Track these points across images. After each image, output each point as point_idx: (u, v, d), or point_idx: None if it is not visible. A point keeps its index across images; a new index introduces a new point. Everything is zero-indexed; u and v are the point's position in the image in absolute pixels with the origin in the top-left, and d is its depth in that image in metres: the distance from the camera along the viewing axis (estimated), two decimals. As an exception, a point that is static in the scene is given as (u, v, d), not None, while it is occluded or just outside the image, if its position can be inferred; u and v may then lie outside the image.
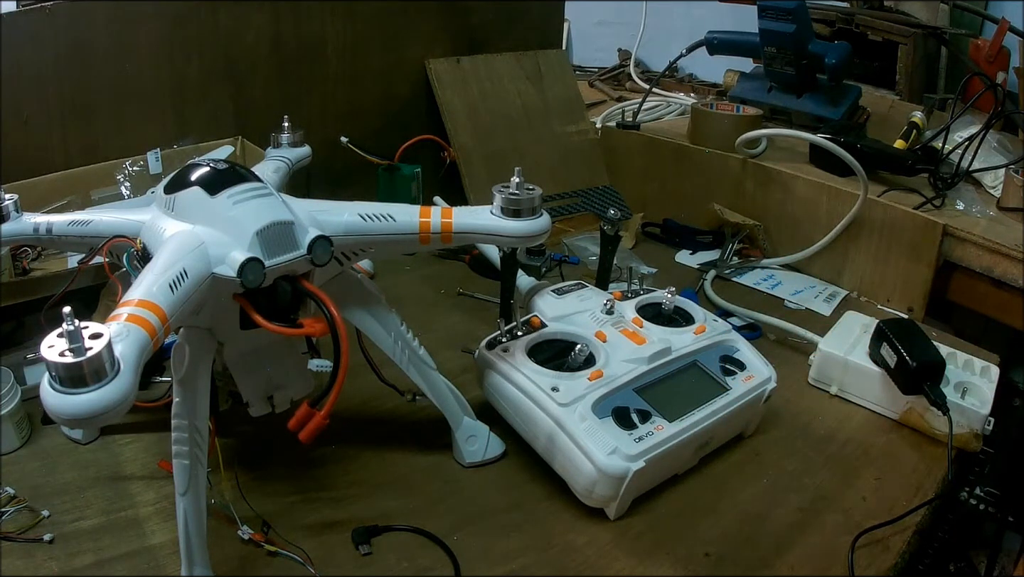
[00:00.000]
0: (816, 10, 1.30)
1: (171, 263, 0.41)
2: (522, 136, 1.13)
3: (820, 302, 0.94)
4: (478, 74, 1.11)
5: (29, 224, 0.52)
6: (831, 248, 0.98)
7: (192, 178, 0.46)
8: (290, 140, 0.76)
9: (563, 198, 1.13)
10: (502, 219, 0.52)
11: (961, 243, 0.87)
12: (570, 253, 1.01)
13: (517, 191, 0.52)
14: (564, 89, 1.19)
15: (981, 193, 0.98)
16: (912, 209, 0.90)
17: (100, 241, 0.50)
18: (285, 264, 0.44)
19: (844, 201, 0.94)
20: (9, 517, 0.55)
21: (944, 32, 1.27)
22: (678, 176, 1.13)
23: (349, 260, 0.52)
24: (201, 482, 0.48)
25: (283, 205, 0.46)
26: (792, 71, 1.16)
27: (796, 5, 1.09)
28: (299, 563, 0.52)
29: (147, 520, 0.56)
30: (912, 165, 0.96)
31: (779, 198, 1.02)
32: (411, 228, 0.52)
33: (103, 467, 0.62)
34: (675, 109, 1.45)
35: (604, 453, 0.54)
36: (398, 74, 1.07)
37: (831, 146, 0.94)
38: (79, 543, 0.54)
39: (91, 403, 0.31)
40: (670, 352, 0.63)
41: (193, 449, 0.48)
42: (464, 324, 0.86)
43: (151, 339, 0.35)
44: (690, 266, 1.04)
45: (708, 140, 1.10)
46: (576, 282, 0.73)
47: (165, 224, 0.46)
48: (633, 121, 1.20)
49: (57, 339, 0.31)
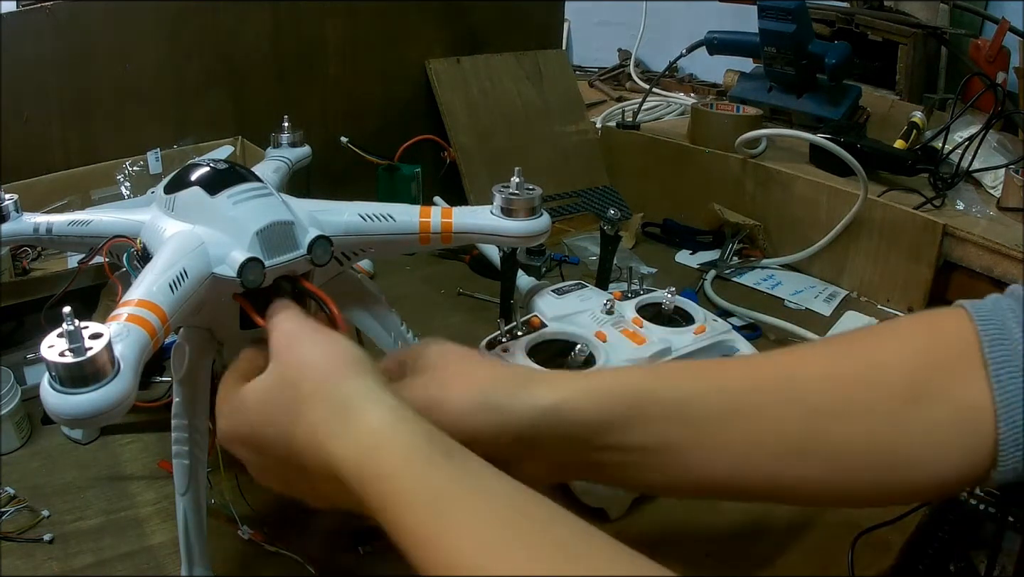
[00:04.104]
0: (816, 10, 1.30)
1: (171, 263, 0.41)
2: (522, 136, 1.13)
3: (820, 302, 0.94)
4: (478, 74, 1.11)
5: (29, 224, 0.52)
6: (831, 248, 0.98)
7: (192, 178, 0.46)
8: (290, 140, 0.76)
9: (563, 198, 1.13)
10: (502, 219, 0.52)
11: (961, 243, 0.87)
12: (570, 253, 1.01)
13: (517, 191, 0.52)
14: (564, 89, 1.19)
15: (981, 193, 0.98)
16: (912, 209, 0.90)
17: (100, 241, 0.50)
18: (285, 264, 0.44)
19: (844, 201, 0.94)
20: (9, 517, 0.55)
21: (944, 32, 1.27)
22: (678, 176, 1.13)
23: (349, 260, 0.52)
24: (201, 482, 0.49)
25: (283, 205, 0.46)
26: (792, 71, 1.16)
27: (796, 5, 1.09)
28: (299, 563, 0.52)
29: (147, 520, 0.56)
30: (912, 165, 0.96)
31: (779, 198, 1.02)
32: (411, 228, 0.52)
33: (103, 467, 0.62)
34: (675, 109, 1.45)
35: (604, 453, 0.54)
36: (398, 74, 1.07)
37: (831, 146, 0.94)
38: (79, 543, 0.54)
39: (91, 403, 0.31)
40: (670, 352, 0.63)
41: (193, 449, 0.48)
42: (464, 324, 0.86)
43: (151, 339, 0.35)
44: (690, 266, 1.04)
45: (708, 140, 1.10)
46: (576, 282, 0.73)
47: (165, 224, 0.46)
48: (633, 121, 1.20)
49: (57, 339, 0.31)
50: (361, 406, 0.34)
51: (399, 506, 0.30)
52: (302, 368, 0.36)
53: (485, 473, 0.32)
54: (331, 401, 0.34)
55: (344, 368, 0.36)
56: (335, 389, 0.35)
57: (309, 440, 0.34)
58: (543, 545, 0.29)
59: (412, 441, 0.32)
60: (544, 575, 0.27)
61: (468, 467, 0.32)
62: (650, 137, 1.16)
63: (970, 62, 1.23)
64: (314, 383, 0.35)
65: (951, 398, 0.34)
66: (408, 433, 0.32)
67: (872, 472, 0.36)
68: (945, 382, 0.35)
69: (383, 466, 0.31)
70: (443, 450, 0.32)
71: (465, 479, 0.31)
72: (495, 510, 0.30)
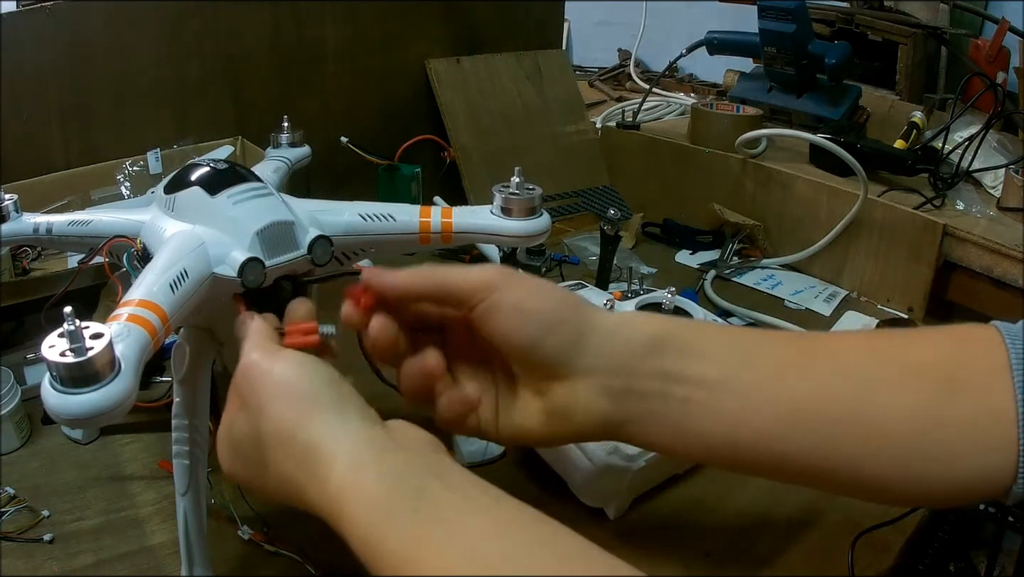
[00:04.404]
0: (816, 10, 1.30)
1: (171, 263, 0.41)
2: (522, 136, 1.13)
3: (820, 302, 0.94)
4: (478, 74, 1.11)
5: (29, 224, 0.52)
6: (831, 248, 0.98)
7: (192, 178, 0.46)
8: (290, 140, 0.76)
9: (563, 198, 1.13)
10: (502, 219, 0.52)
11: (961, 243, 0.87)
12: (570, 253, 1.01)
13: (517, 191, 0.52)
14: (564, 89, 1.19)
15: (981, 193, 0.98)
16: (912, 209, 0.90)
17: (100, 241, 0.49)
18: (285, 264, 0.44)
19: (844, 201, 0.94)
20: (9, 517, 0.55)
21: (944, 32, 1.27)
22: (678, 176, 1.13)
23: (349, 260, 0.52)
24: (201, 482, 0.48)
25: (283, 205, 0.46)
26: (792, 71, 1.16)
27: (796, 5, 1.09)
28: (299, 563, 0.52)
29: (147, 520, 0.56)
30: (912, 165, 0.96)
31: (779, 198, 1.02)
32: (411, 228, 0.52)
33: (103, 467, 0.62)
34: (675, 109, 1.45)
35: (604, 453, 0.54)
36: (398, 74, 1.07)
37: (831, 146, 0.94)
38: (79, 543, 0.54)
39: (92, 403, 0.31)
40: (670, 352, 0.63)
41: (193, 449, 0.48)
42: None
43: (152, 339, 0.35)
44: (690, 266, 1.04)
45: (708, 140, 1.10)
46: (576, 282, 0.73)
47: (165, 224, 0.46)
48: (633, 121, 1.20)
49: (58, 339, 0.31)
50: (322, 455, 0.32)
51: (369, 558, 0.30)
52: (262, 413, 0.35)
53: (458, 516, 0.30)
54: (294, 452, 0.33)
55: (303, 407, 0.34)
56: (295, 437, 0.33)
57: (281, 489, 0.34)
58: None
59: (376, 493, 0.31)
60: None
61: (439, 515, 0.30)
62: (650, 137, 1.16)
63: (970, 62, 1.23)
64: (276, 432, 0.34)
65: (983, 399, 0.35)
66: (373, 481, 0.31)
67: (907, 459, 0.36)
68: (978, 383, 0.35)
69: (351, 519, 0.31)
70: (411, 496, 0.30)
71: (433, 531, 0.30)
72: (465, 556, 0.29)
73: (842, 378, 0.37)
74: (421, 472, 0.32)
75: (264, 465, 0.35)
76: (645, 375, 0.39)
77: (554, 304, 0.39)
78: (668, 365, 0.38)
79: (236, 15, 0.91)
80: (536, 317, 0.39)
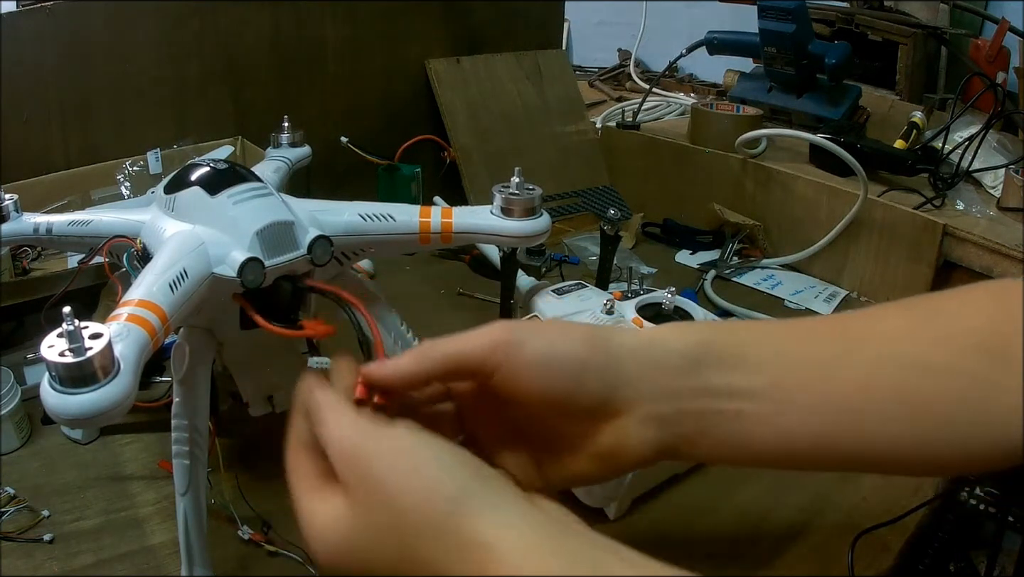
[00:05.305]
0: (816, 10, 1.30)
1: (171, 263, 0.41)
2: (522, 136, 1.13)
3: (820, 302, 0.94)
4: (478, 74, 1.11)
5: (29, 224, 0.52)
6: (831, 248, 0.98)
7: (192, 178, 0.46)
8: (290, 140, 0.76)
9: (563, 198, 1.13)
10: (502, 219, 0.52)
11: (961, 243, 0.87)
12: (570, 253, 1.00)
13: (517, 191, 0.52)
14: (564, 89, 1.19)
15: (981, 193, 0.98)
16: (912, 209, 0.90)
17: (100, 241, 0.50)
18: (285, 264, 0.44)
19: (844, 201, 0.94)
20: (9, 517, 0.55)
21: (944, 32, 1.27)
22: (678, 176, 1.13)
23: (349, 260, 0.52)
24: (201, 482, 0.48)
25: (283, 205, 0.46)
26: (792, 71, 1.16)
27: (796, 5, 1.09)
28: (299, 563, 0.52)
29: (147, 520, 0.56)
30: (912, 165, 0.96)
31: (779, 198, 1.02)
32: (411, 228, 0.52)
33: (103, 467, 0.62)
34: (675, 109, 1.45)
35: (604, 453, 0.54)
36: (398, 74, 1.07)
37: (831, 146, 0.94)
38: (79, 543, 0.54)
39: (91, 403, 0.31)
40: (670, 352, 0.63)
41: (193, 449, 0.48)
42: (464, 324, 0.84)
43: (151, 339, 0.35)
44: (690, 266, 1.04)
45: (708, 140, 1.10)
46: (576, 282, 0.73)
47: (165, 224, 0.46)
48: (633, 121, 1.20)
49: (57, 339, 0.31)
50: (492, 550, 0.29)
51: None
52: (393, 506, 0.30)
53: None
54: (448, 543, 0.30)
55: (446, 493, 0.30)
56: (447, 531, 0.30)
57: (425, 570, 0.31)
58: None
59: (557, 570, 0.28)
60: None
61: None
62: (650, 137, 1.16)
63: (970, 62, 1.23)
64: (421, 523, 0.30)
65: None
66: (550, 557, 0.29)
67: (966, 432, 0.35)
68: (1018, 347, 0.34)
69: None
70: (589, 568, 0.29)
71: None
72: None
73: (890, 362, 0.36)
74: (589, 547, 0.31)
75: (400, 560, 0.31)
76: (691, 395, 0.37)
77: (576, 346, 0.37)
78: (712, 380, 0.37)
79: (236, 15, 0.91)
80: (563, 365, 0.36)
